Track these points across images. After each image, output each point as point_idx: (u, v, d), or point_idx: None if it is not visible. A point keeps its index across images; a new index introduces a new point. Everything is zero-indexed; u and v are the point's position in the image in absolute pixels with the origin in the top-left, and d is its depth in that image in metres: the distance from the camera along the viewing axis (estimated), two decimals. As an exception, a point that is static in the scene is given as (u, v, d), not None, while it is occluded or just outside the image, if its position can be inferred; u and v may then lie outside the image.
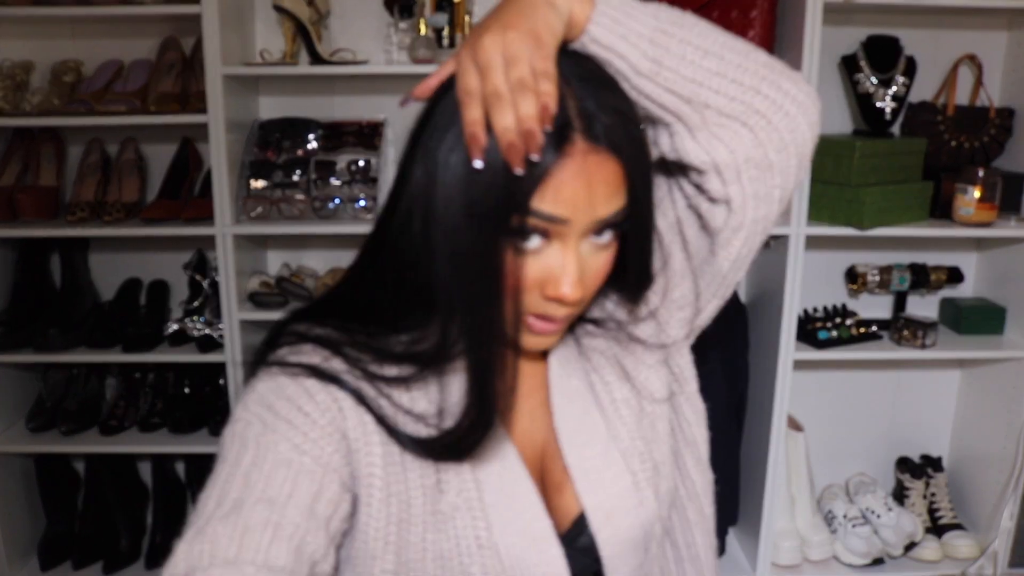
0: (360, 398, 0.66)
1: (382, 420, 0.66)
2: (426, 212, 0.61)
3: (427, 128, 0.63)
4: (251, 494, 0.58)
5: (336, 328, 0.70)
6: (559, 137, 0.58)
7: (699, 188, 0.71)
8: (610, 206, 0.62)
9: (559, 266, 0.62)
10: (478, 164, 0.57)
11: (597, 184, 0.60)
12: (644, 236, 0.69)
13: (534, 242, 0.62)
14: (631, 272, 0.70)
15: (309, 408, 0.64)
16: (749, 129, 0.66)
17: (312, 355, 0.67)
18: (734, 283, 0.77)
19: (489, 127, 0.57)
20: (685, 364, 0.81)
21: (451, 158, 0.59)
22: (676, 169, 0.72)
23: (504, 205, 0.58)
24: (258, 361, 0.69)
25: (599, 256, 0.65)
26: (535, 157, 0.56)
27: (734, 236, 0.71)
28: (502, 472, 0.69)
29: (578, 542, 0.71)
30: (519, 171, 0.56)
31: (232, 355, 1.88)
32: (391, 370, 0.68)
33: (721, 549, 2.10)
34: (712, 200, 0.70)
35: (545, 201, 0.59)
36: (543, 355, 0.77)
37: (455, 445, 0.65)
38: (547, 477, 0.73)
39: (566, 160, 0.59)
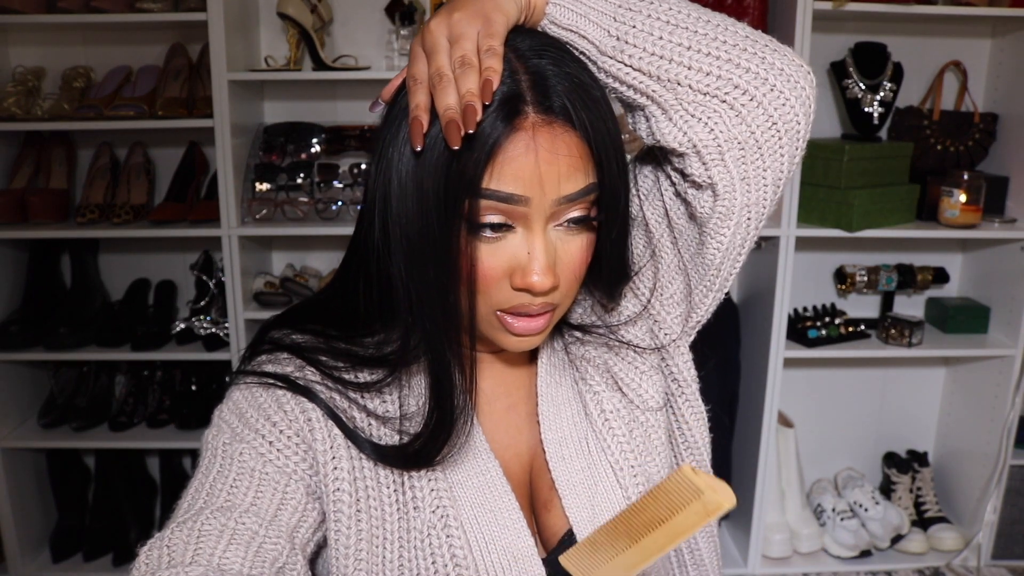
0: (330, 411, 0.64)
1: (351, 435, 0.64)
2: (384, 208, 0.59)
3: (386, 128, 0.61)
4: (213, 503, 0.58)
5: (314, 333, 0.68)
6: (508, 110, 0.55)
7: (683, 174, 0.65)
8: (573, 183, 0.58)
9: (525, 252, 0.59)
10: (418, 147, 0.54)
11: (554, 158, 0.56)
12: (618, 221, 0.64)
13: (495, 228, 0.58)
14: (605, 261, 0.66)
15: (277, 418, 0.63)
16: (729, 105, 0.60)
17: (287, 364, 0.66)
18: (729, 276, 0.71)
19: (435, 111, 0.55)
20: (684, 365, 0.77)
21: (404, 150, 0.58)
22: (660, 155, 0.68)
23: (453, 188, 0.56)
24: (239, 369, 0.69)
25: (572, 242, 0.61)
26: (471, 129, 0.52)
27: (723, 224, 0.65)
28: (482, 487, 0.66)
29: None
30: (455, 146, 0.52)
31: (238, 353, 1.93)
32: (364, 375, 0.66)
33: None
34: (697, 186, 0.64)
35: (494, 179, 0.56)
36: (531, 364, 0.74)
37: (421, 451, 0.63)
38: (535, 492, 0.71)
39: (517, 134, 0.56)
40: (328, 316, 0.69)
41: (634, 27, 0.59)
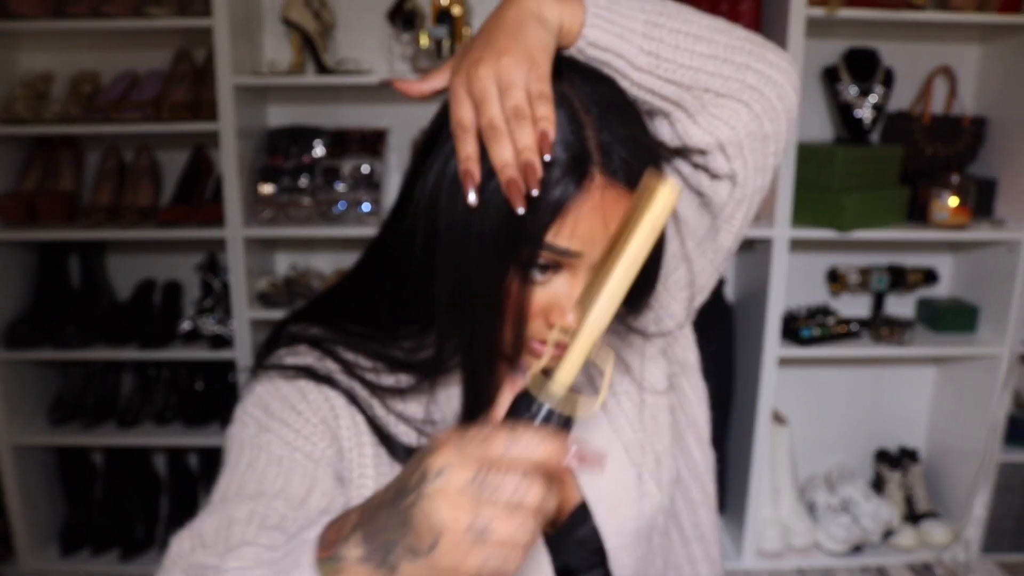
0: (352, 398, 0.66)
1: (373, 422, 0.66)
2: (430, 232, 0.60)
3: (434, 148, 0.61)
4: (244, 491, 0.59)
5: (333, 329, 0.69)
6: (578, 170, 0.57)
7: (699, 167, 0.69)
8: None
9: (566, 295, 0.61)
10: (472, 199, 0.55)
11: (613, 219, 0.58)
12: (654, 259, 0.66)
13: (543, 272, 0.60)
14: (637, 288, 0.71)
15: (302, 407, 0.64)
16: (744, 104, 0.65)
17: (307, 356, 0.68)
18: (730, 257, 0.76)
19: (487, 159, 0.55)
20: (688, 347, 0.80)
21: (455, 192, 0.58)
22: (674, 154, 0.70)
23: (517, 239, 0.57)
24: (258, 363, 0.69)
25: None
26: (535, 192, 0.53)
27: (737, 210, 0.70)
28: None
29: (577, 534, 0.71)
30: (519, 208, 0.53)
31: (242, 352, 1.97)
32: (387, 378, 0.68)
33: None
34: (714, 177, 0.69)
35: (561, 236, 0.57)
36: None
37: None
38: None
39: (584, 195, 0.57)
40: (346, 314, 0.70)
41: (663, 41, 0.62)
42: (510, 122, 0.54)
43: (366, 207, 1.98)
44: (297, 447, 0.63)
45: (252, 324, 1.97)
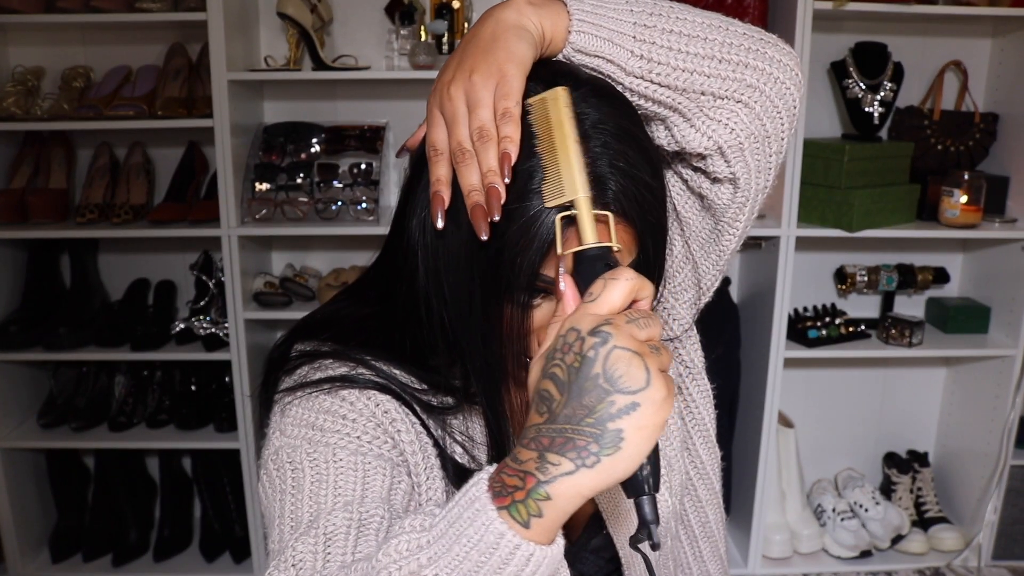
0: (405, 401, 0.65)
1: (430, 430, 0.65)
2: (426, 262, 0.60)
3: (422, 174, 0.60)
4: (325, 506, 0.55)
5: (346, 343, 0.68)
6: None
7: (702, 171, 0.68)
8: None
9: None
10: (440, 224, 0.54)
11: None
12: (657, 263, 0.66)
13: (537, 299, 0.60)
14: None
15: (353, 415, 0.62)
16: (744, 104, 0.63)
17: (338, 367, 0.65)
18: (733, 257, 0.76)
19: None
20: (692, 349, 0.80)
21: (447, 224, 0.57)
22: (674, 158, 0.69)
23: (511, 275, 0.56)
24: (268, 388, 0.67)
25: None
26: (496, 216, 0.52)
27: (740, 212, 0.69)
28: None
29: (591, 543, 0.72)
30: (483, 236, 0.53)
31: (237, 353, 1.93)
32: (430, 396, 0.67)
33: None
34: (716, 180, 0.67)
35: (549, 268, 0.57)
36: None
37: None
38: None
39: (574, 228, 0.55)
40: (363, 341, 0.68)
41: (654, 43, 0.59)
42: (476, 144, 0.53)
43: (364, 205, 1.95)
44: (365, 451, 0.60)
45: (247, 324, 1.94)
